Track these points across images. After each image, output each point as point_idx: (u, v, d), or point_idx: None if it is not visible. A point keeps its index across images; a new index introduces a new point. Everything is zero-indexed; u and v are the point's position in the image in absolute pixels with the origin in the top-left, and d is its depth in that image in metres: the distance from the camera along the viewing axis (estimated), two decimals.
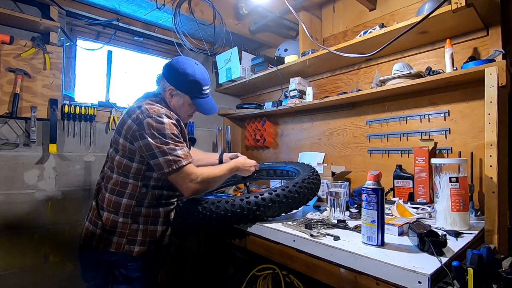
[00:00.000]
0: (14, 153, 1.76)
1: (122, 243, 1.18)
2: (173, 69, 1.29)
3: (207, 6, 2.14)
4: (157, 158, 1.15)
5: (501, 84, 1.16)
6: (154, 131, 1.14)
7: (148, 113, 1.17)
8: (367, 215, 0.93)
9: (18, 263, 1.76)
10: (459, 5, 1.21)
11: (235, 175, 1.47)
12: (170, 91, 1.30)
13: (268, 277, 1.36)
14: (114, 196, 1.20)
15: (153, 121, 1.15)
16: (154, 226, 1.25)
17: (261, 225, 1.18)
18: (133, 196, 1.21)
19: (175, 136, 1.19)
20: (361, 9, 1.99)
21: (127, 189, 1.20)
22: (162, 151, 1.14)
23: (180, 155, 1.16)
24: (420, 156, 1.49)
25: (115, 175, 1.22)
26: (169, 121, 1.19)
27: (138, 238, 1.21)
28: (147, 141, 1.14)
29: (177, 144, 1.18)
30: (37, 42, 1.77)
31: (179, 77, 1.28)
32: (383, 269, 0.79)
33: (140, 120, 1.16)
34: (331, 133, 2.11)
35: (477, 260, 0.75)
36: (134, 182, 1.21)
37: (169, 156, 1.14)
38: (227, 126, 2.70)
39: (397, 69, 1.60)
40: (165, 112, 1.21)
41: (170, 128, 1.18)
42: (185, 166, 1.16)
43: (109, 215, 1.20)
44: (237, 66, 2.39)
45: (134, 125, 1.17)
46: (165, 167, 1.14)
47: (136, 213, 1.21)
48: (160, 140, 1.15)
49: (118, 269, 1.18)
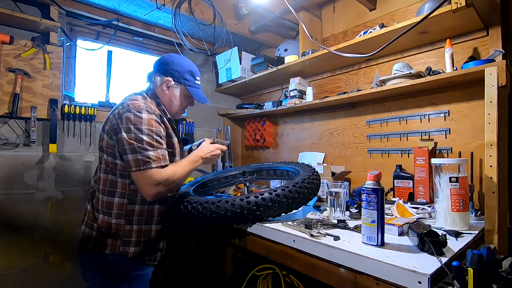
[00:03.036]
0: (14, 153, 1.76)
1: (117, 245, 1.17)
2: (168, 62, 1.33)
3: (207, 6, 2.14)
4: (126, 155, 1.11)
5: (501, 84, 1.16)
6: (130, 125, 1.12)
7: (128, 108, 1.15)
8: (367, 215, 0.93)
9: (18, 263, 1.76)
10: (459, 5, 1.21)
11: (235, 175, 1.47)
12: (167, 82, 1.31)
13: (268, 277, 1.36)
14: (106, 197, 1.19)
15: (132, 115, 1.13)
16: (148, 225, 1.23)
17: (261, 225, 1.18)
18: (124, 195, 1.19)
19: (153, 133, 1.15)
20: (361, 9, 1.99)
21: (117, 188, 1.19)
22: (132, 149, 1.11)
23: (150, 156, 1.11)
24: (420, 156, 1.49)
25: (104, 174, 1.21)
26: (149, 116, 1.16)
27: (132, 239, 1.19)
28: (121, 135, 1.12)
29: (152, 143, 1.14)
30: (37, 42, 1.77)
31: (176, 68, 1.32)
32: (383, 269, 0.79)
33: (120, 115, 1.15)
34: (331, 133, 2.11)
35: (477, 260, 0.75)
36: (122, 180, 1.19)
37: (138, 155, 1.10)
38: (227, 126, 2.70)
39: (397, 69, 1.60)
40: (146, 108, 1.18)
41: (148, 123, 1.14)
42: (152, 169, 1.11)
43: (103, 217, 1.18)
44: (237, 66, 2.39)
45: (114, 119, 1.16)
46: (132, 165, 1.11)
47: (130, 212, 1.19)
48: (134, 135, 1.11)
49: (116, 269, 1.17)
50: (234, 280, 1.47)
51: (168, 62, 1.33)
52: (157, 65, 1.35)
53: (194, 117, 2.60)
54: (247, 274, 1.41)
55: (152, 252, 1.26)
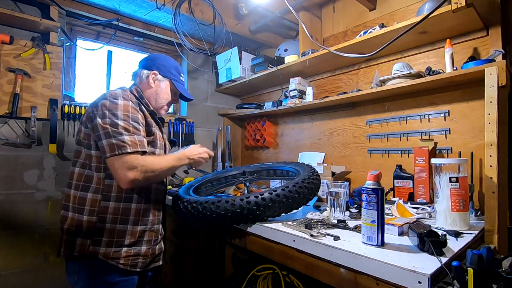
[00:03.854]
0: (14, 153, 1.76)
1: (86, 244, 1.10)
2: (155, 57, 1.39)
3: (207, 6, 2.14)
4: (101, 141, 1.07)
5: (501, 84, 1.16)
6: (105, 111, 1.09)
7: (104, 96, 1.15)
8: (367, 215, 0.93)
9: (18, 263, 1.76)
10: (459, 5, 1.21)
11: (235, 175, 1.46)
12: (153, 76, 1.32)
13: (268, 277, 1.36)
14: (79, 192, 1.13)
15: (107, 101, 1.11)
16: (123, 225, 1.14)
17: (261, 225, 1.18)
18: (98, 190, 1.13)
19: (129, 118, 1.11)
20: (361, 9, 1.99)
21: (92, 183, 1.13)
22: (106, 133, 1.06)
23: (125, 140, 1.06)
24: (420, 156, 1.49)
25: (79, 168, 1.16)
26: (125, 102, 1.14)
27: (103, 239, 1.11)
28: (96, 121, 1.08)
29: (128, 128, 1.09)
30: (37, 42, 1.77)
31: (162, 62, 1.36)
32: (383, 269, 0.79)
33: (96, 103, 1.14)
34: (331, 133, 2.11)
35: (477, 260, 0.75)
36: (97, 174, 1.13)
37: (112, 140, 1.06)
38: (227, 126, 2.70)
39: (397, 69, 1.60)
40: (123, 95, 1.16)
41: (124, 109, 1.11)
42: (128, 154, 1.06)
43: (73, 214, 1.12)
44: (237, 66, 2.39)
45: (90, 108, 1.14)
46: (107, 151, 1.06)
47: (103, 210, 1.12)
48: (109, 120, 1.08)
49: (97, 275, 1.12)
50: (234, 280, 1.47)
51: (154, 58, 1.39)
52: (143, 61, 1.38)
53: (194, 117, 2.60)
54: (247, 274, 1.41)
55: (129, 256, 1.14)
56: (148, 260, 1.22)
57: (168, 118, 2.43)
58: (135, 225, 1.17)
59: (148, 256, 1.21)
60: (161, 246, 1.31)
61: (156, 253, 1.26)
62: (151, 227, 1.23)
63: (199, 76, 2.68)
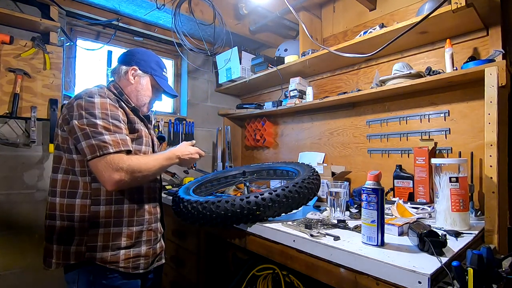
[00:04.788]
0: (14, 153, 1.76)
1: (82, 251, 1.05)
2: (134, 52, 1.30)
3: (207, 6, 2.14)
4: (80, 143, 1.01)
5: (501, 84, 1.16)
6: (82, 111, 1.02)
7: (79, 95, 1.08)
8: (367, 215, 0.93)
9: (18, 263, 1.76)
10: (459, 5, 1.21)
11: (235, 175, 1.46)
12: (132, 71, 1.24)
13: (268, 277, 1.36)
14: (66, 199, 1.07)
15: (83, 101, 1.04)
16: (118, 227, 1.10)
17: (261, 225, 1.18)
18: (86, 195, 1.07)
19: (108, 117, 1.04)
20: (361, 9, 1.99)
21: (78, 188, 1.07)
22: (85, 134, 1.00)
23: (106, 140, 1.00)
24: (420, 156, 1.49)
25: (62, 175, 1.09)
26: (102, 100, 1.06)
27: (98, 244, 1.06)
28: (72, 123, 1.02)
29: (108, 127, 1.02)
30: (37, 42, 1.77)
31: (142, 57, 1.28)
32: (383, 269, 0.79)
33: (71, 103, 1.06)
34: (331, 133, 2.11)
35: (477, 260, 0.75)
36: (82, 179, 1.07)
37: (92, 141, 0.99)
38: (227, 126, 2.70)
39: (397, 69, 1.60)
40: (99, 92, 1.09)
41: (101, 107, 1.05)
42: (111, 154, 1.00)
43: (62, 222, 1.06)
44: (237, 66, 2.39)
45: (65, 110, 1.08)
46: (87, 153, 0.99)
47: (94, 215, 1.07)
48: (86, 120, 1.01)
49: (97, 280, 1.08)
50: (234, 280, 1.47)
51: (133, 53, 1.30)
52: (121, 57, 1.30)
53: (194, 117, 2.61)
54: (247, 274, 1.41)
55: (128, 258, 1.12)
56: (150, 260, 1.20)
57: (168, 118, 2.43)
58: (130, 226, 1.13)
59: (150, 256, 1.19)
60: (162, 244, 1.29)
61: (157, 252, 1.24)
62: (148, 226, 1.20)
63: (199, 76, 2.68)
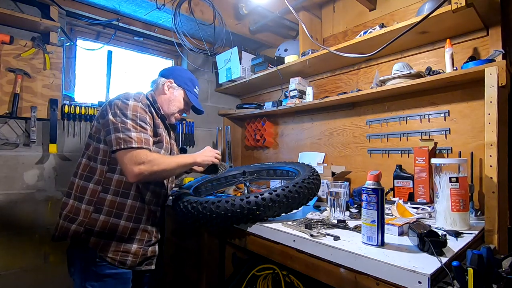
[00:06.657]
0: (14, 153, 1.76)
1: (80, 231, 1.16)
2: (174, 69, 1.54)
3: (207, 6, 2.14)
4: (110, 135, 1.15)
5: (501, 84, 1.16)
6: (116, 110, 1.18)
7: (118, 96, 1.24)
8: (367, 215, 0.93)
9: (18, 263, 1.76)
10: (459, 5, 1.21)
11: (235, 175, 1.47)
12: (168, 83, 1.42)
13: (268, 277, 1.36)
14: (82, 181, 1.22)
15: (119, 101, 1.20)
16: (116, 219, 1.19)
17: (261, 225, 1.18)
18: (99, 182, 1.20)
19: (137, 118, 1.19)
20: (361, 9, 1.99)
21: (95, 174, 1.21)
22: (116, 128, 1.15)
23: (132, 136, 1.14)
24: (420, 156, 1.49)
25: (85, 160, 1.24)
26: (135, 103, 1.22)
27: (95, 229, 1.16)
28: (107, 117, 1.18)
29: (135, 127, 1.17)
30: (37, 42, 1.77)
31: (179, 73, 1.48)
32: (383, 269, 0.79)
33: (110, 102, 1.23)
34: (331, 133, 2.11)
35: (477, 260, 0.75)
36: (101, 167, 1.21)
37: (120, 134, 1.13)
38: (227, 126, 2.70)
39: (397, 69, 1.60)
40: (134, 96, 1.24)
41: (133, 109, 1.20)
42: (134, 149, 1.13)
43: (74, 202, 1.20)
44: (237, 66, 2.39)
45: (105, 106, 1.23)
46: (114, 144, 1.13)
47: (101, 201, 1.19)
48: (119, 118, 1.16)
49: (88, 267, 1.17)
50: (234, 280, 1.47)
51: (173, 69, 1.54)
52: (163, 71, 1.49)
53: (194, 117, 2.60)
54: (247, 274, 1.41)
55: (118, 251, 1.19)
56: (138, 260, 1.23)
57: None
58: (128, 221, 1.22)
59: (139, 256, 1.24)
60: (155, 250, 1.31)
61: (148, 255, 1.27)
62: (144, 227, 1.26)
63: (199, 76, 2.68)
